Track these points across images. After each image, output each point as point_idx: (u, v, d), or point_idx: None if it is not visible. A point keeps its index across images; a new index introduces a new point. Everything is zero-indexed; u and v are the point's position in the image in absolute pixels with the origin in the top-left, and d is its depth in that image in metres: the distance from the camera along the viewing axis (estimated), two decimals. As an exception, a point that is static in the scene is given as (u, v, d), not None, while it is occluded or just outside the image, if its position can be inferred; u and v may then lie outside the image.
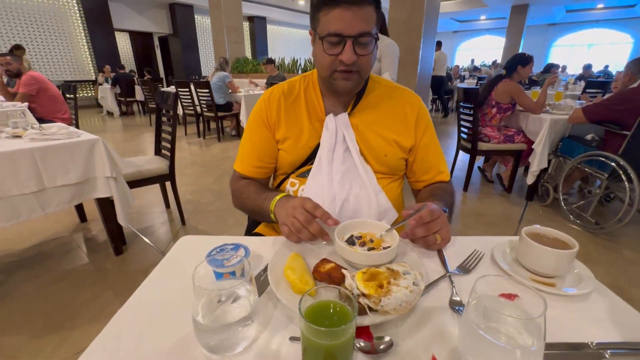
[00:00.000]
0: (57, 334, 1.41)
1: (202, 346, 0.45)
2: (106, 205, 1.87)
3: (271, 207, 0.77)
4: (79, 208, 2.42)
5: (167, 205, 2.68)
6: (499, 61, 10.74)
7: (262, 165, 0.94)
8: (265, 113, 0.91)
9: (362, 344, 0.46)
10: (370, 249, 0.64)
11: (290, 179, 0.92)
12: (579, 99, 3.63)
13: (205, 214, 2.59)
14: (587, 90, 4.58)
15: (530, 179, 2.65)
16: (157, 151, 2.49)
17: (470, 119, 2.81)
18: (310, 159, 0.90)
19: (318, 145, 0.88)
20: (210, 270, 0.54)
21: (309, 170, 0.88)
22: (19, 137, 1.75)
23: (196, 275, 0.43)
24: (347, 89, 0.80)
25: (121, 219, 1.85)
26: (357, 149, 0.87)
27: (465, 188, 3.01)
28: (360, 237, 0.68)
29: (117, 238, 2.00)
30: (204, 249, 0.63)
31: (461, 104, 2.95)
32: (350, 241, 0.66)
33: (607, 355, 0.44)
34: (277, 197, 0.77)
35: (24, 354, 1.31)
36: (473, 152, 2.85)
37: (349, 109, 0.89)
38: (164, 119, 2.38)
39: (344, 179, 0.85)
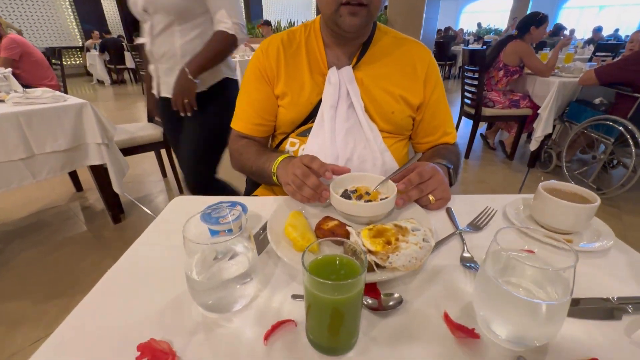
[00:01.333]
0: (60, 300, 1.42)
1: (198, 304, 0.42)
2: (100, 173, 1.82)
3: (273, 169, 0.72)
4: (74, 177, 2.37)
5: (164, 174, 2.63)
6: (503, 28, 10.24)
7: (262, 123, 0.87)
8: (263, 65, 0.83)
9: (369, 300, 0.43)
10: (367, 201, 0.60)
11: (290, 139, 0.86)
12: (590, 61, 3.48)
13: (203, 183, 2.55)
14: (597, 54, 4.38)
15: (533, 145, 2.60)
16: (150, 118, 2.40)
17: (476, 82, 2.70)
18: (312, 116, 0.83)
19: (320, 102, 0.81)
20: (205, 229, 0.50)
21: (310, 128, 0.82)
22: (1, 101, 1.66)
23: (187, 230, 0.39)
24: (354, 27, 0.71)
25: (116, 187, 1.81)
26: (362, 106, 0.80)
27: (467, 155, 2.96)
28: (355, 190, 0.64)
29: (115, 206, 1.97)
30: (199, 210, 0.59)
31: (466, 67, 2.82)
32: (346, 196, 0.62)
33: (629, 310, 0.41)
34: (280, 159, 0.72)
35: (29, 319, 1.32)
36: (477, 118, 2.77)
37: (353, 62, 0.81)
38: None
39: (347, 137, 0.80)
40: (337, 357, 0.36)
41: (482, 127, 3.38)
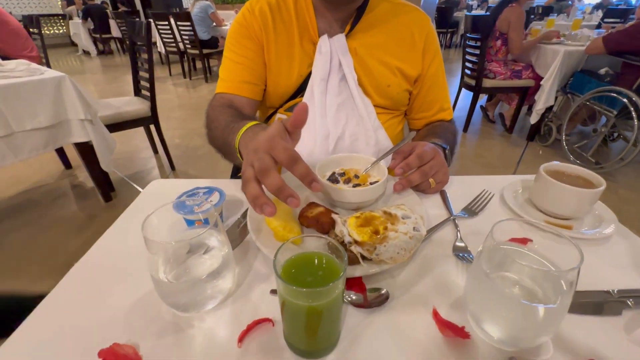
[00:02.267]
0: (54, 279, 1.39)
1: (167, 305, 0.39)
2: (87, 151, 1.75)
3: (236, 142, 0.56)
4: (62, 154, 2.30)
5: (155, 151, 2.56)
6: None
7: (251, 81, 0.75)
8: (250, 23, 0.73)
9: (353, 296, 0.40)
10: (355, 185, 0.56)
11: (278, 114, 0.80)
12: (598, 28, 3.31)
13: (195, 159, 2.49)
14: (606, 20, 4.18)
15: (534, 118, 2.53)
16: (137, 92, 2.29)
17: (477, 52, 2.57)
18: (302, 90, 0.77)
19: (310, 75, 0.75)
20: (180, 218, 0.46)
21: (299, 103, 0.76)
22: (-26, 75, 1.55)
23: (148, 225, 0.35)
24: None
25: (104, 165, 1.75)
26: (355, 78, 0.73)
27: (465, 129, 2.89)
28: (344, 173, 0.60)
29: (104, 184, 1.92)
30: (177, 194, 0.55)
31: (468, 35, 2.67)
32: (333, 179, 0.57)
33: (630, 304, 0.39)
34: (244, 128, 0.56)
35: (22, 298, 1.32)
36: (477, 90, 2.67)
37: (346, 29, 0.74)
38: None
39: (339, 113, 0.74)
40: (316, 360, 0.34)
41: (482, 99, 3.28)
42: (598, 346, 0.35)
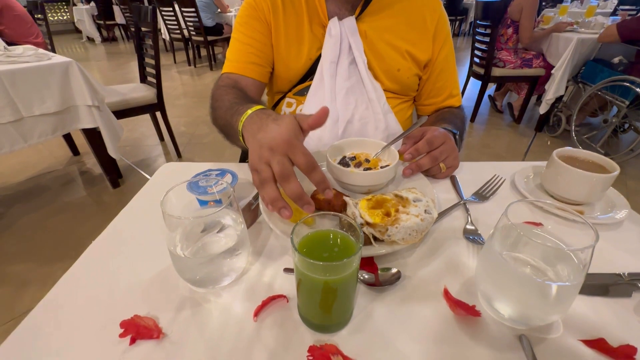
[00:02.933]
0: (64, 262, 1.44)
1: (184, 280, 0.40)
2: (94, 137, 1.77)
3: (239, 125, 0.53)
4: (70, 141, 2.31)
5: (161, 138, 2.57)
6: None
7: (258, 62, 0.74)
8: (260, 5, 0.72)
9: (365, 275, 0.41)
10: (366, 170, 0.56)
11: (287, 99, 0.80)
12: (614, 14, 3.21)
13: (201, 147, 2.50)
14: (622, 7, 4.05)
15: (543, 108, 2.49)
16: (143, 78, 2.29)
17: (487, 40, 2.51)
18: (311, 73, 0.76)
19: (320, 57, 0.74)
20: (193, 199, 0.47)
21: (309, 87, 0.76)
22: (-18, 60, 1.56)
23: (167, 202, 0.36)
24: None
25: (111, 151, 1.76)
26: (365, 62, 0.73)
27: (473, 119, 2.85)
28: (354, 157, 0.60)
29: (112, 171, 1.94)
30: (188, 177, 0.56)
31: (478, 21, 2.61)
32: (344, 163, 0.58)
33: (640, 287, 0.39)
34: (249, 112, 0.52)
35: (35, 280, 1.36)
36: (485, 79, 2.63)
37: (356, 12, 0.73)
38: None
39: (348, 97, 0.74)
40: (330, 335, 0.35)
41: (491, 88, 3.22)
42: (608, 326, 0.35)
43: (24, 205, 1.82)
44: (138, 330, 0.34)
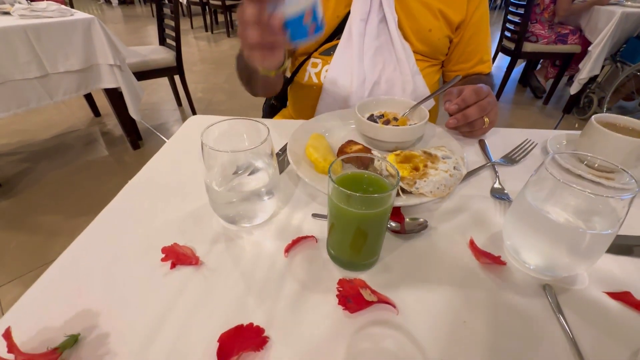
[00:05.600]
0: (89, 217, 1.47)
1: (219, 216, 0.42)
2: (116, 98, 1.80)
3: None
4: (91, 102, 2.36)
5: (179, 103, 2.58)
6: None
7: None
8: None
9: (392, 224, 0.42)
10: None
11: (312, 59, 0.78)
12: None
13: (218, 114, 2.50)
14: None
15: (574, 88, 2.36)
16: (162, 41, 2.27)
17: (521, 11, 2.36)
18: (338, 32, 0.74)
19: (347, 15, 0.72)
20: (230, 141, 0.47)
21: (335, 46, 0.74)
22: (7, 13, 1.57)
23: (207, 134, 0.37)
24: None
25: (133, 112, 1.79)
26: (396, 19, 0.70)
27: (498, 97, 2.74)
28: (383, 115, 0.59)
29: (132, 132, 1.98)
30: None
31: (513, -9, 2.44)
32: (372, 120, 0.57)
33: (671, 250, 0.39)
34: None
35: (63, 231, 1.44)
36: (516, 54, 2.49)
37: None
38: (166, 2, 2.08)
39: (376, 57, 0.72)
40: (357, 273, 0.36)
41: (519, 66, 3.06)
42: (634, 282, 0.35)
43: (50, 162, 1.90)
44: (178, 256, 0.36)
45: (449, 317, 0.32)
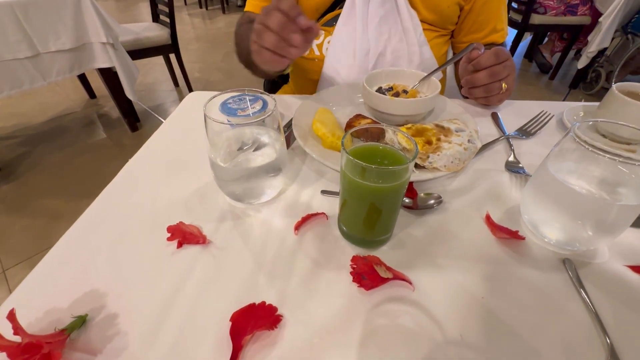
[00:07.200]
0: (91, 198, 1.50)
1: (225, 194, 0.40)
2: (111, 78, 1.74)
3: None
4: (86, 83, 2.29)
5: (176, 84, 2.52)
6: None
7: None
8: None
9: (405, 200, 0.40)
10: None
11: (314, 31, 0.74)
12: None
13: (217, 94, 2.45)
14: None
15: (582, 62, 2.28)
16: (155, 18, 2.18)
17: (530, -21, 2.25)
18: (339, 1, 0.70)
19: None
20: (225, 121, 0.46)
21: (338, 15, 0.70)
22: (-9, -11, 1.50)
23: (210, 107, 0.35)
24: None
25: (128, 93, 1.75)
26: (403, -15, 0.66)
27: (502, 73, 2.66)
28: (391, 88, 0.57)
29: (129, 114, 1.94)
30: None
31: (522, -42, 2.32)
32: (380, 93, 0.54)
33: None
34: None
35: (66, 214, 1.44)
36: (522, 27, 2.40)
37: None
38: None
39: (381, 27, 0.68)
40: (370, 250, 0.35)
41: (525, 40, 2.96)
42: (656, 256, 0.34)
43: (48, 145, 1.87)
44: (184, 235, 0.35)
45: (467, 293, 0.31)
